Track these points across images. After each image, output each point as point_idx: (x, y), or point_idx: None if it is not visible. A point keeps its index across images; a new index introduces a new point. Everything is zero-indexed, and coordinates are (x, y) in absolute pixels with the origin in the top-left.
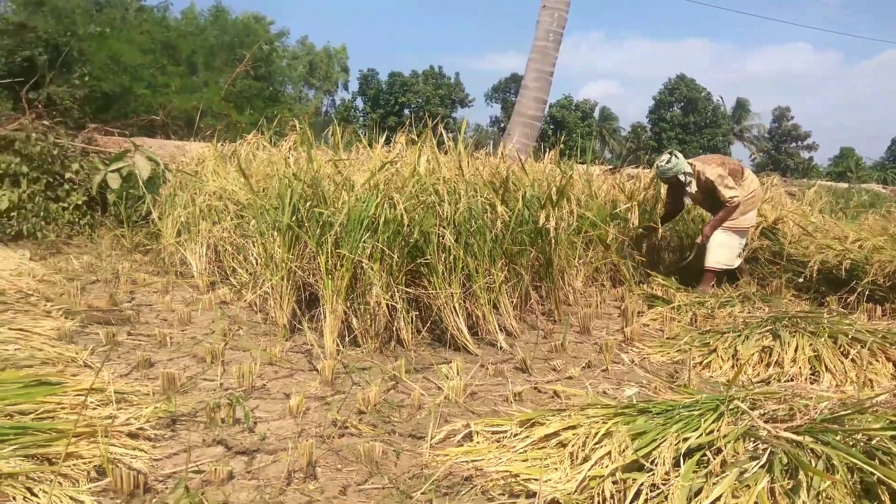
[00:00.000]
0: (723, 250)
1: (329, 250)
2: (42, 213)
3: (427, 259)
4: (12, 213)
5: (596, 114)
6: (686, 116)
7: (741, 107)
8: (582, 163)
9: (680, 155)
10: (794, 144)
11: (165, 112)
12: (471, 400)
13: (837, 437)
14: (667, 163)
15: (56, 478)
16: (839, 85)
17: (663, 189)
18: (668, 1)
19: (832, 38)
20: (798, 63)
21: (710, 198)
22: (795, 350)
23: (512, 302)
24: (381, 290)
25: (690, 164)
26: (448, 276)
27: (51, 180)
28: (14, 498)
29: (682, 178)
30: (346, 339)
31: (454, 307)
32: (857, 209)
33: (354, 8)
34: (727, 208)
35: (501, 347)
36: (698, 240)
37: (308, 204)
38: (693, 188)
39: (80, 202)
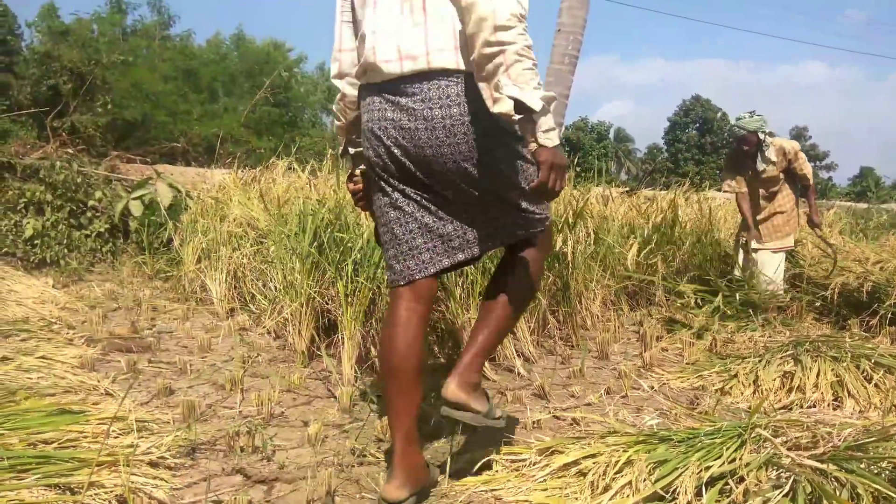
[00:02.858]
0: (781, 273)
1: (349, 276)
2: (65, 241)
3: (444, 282)
4: (36, 241)
5: (611, 135)
6: (703, 137)
7: None
8: (599, 185)
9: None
10: (812, 164)
11: (186, 139)
12: (489, 427)
13: (862, 465)
14: (750, 116)
15: None
16: (859, 103)
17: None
18: (684, 22)
19: (852, 56)
20: (817, 81)
21: (779, 181)
22: (817, 375)
23: (529, 327)
24: None
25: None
26: (465, 299)
27: (74, 208)
28: None
29: (761, 136)
30: (364, 365)
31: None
32: (877, 230)
33: None
34: (812, 191)
35: (519, 373)
36: (820, 234)
37: (329, 229)
38: (773, 156)
39: (102, 229)
